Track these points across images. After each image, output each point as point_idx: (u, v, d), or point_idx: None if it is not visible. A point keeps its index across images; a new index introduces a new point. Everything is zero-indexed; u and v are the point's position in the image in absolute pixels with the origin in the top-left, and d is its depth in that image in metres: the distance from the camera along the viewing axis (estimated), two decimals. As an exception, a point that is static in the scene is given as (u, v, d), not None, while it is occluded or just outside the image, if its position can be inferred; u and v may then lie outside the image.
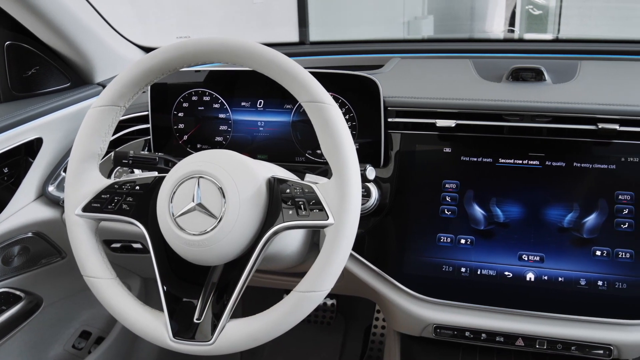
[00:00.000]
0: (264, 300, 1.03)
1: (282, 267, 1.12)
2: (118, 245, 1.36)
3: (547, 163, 1.07)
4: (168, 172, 0.86)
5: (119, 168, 1.28)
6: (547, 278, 1.03)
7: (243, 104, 1.24)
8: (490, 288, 1.05)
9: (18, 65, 1.36)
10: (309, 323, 1.98)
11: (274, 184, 0.86)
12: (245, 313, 0.84)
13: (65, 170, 0.93)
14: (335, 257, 0.80)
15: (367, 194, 1.11)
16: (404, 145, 1.15)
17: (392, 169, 1.15)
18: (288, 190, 0.85)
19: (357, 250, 1.12)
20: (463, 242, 1.08)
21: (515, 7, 4.25)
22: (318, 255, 0.81)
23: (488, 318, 1.06)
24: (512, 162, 1.09)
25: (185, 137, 1.28)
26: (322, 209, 0.81)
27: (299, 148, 1.21)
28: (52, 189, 1.30)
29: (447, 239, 1.09)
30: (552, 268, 1.03)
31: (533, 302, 1.03)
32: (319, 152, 1.18)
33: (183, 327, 0.84)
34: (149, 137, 1.31)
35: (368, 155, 1.16)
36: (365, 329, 1.94)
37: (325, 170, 1.13)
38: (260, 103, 1.23)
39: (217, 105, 1.25)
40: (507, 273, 1.05)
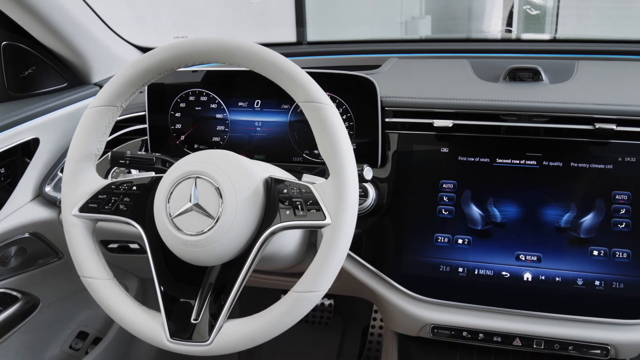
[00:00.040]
0: (262, 301, 1.03)
1: (279, 267, 1.12)
2: (115, 246, 1.36)
3: (544, 163, 1.07)
4: (165, 172, 0.86)
5: (116, 168, 1.27)
6: (544, 278, 1.03)
7: (240, 104, 1.24)
8: (488, 288, 1.05)
9: (15, 66, 1.36)
10: (307, 323, 1.98)
11: (271, 184, 0.86)
12: (243, 313, 0.84)
13: (62, 171, 0.93)
14: (333, 257, 0.80)
15: (364, 194, 1.11)
16: (402, 145, 1.15)
17: (389, 169, 1.15)
18: (285, 191, 0.84)
19: (354, 251, 1.12)
20: (460, 242, 1.08)
21: (513, 7, 4.25)
22: (315, 256, 0.81)
23: (485, 318, 1.06)
24: (509, 162, 1.09)
25: (183, 137, 1.27)
26: (319, 209, 0.81)
27: (297, 148, 1.21)
28: (49, 190, 1.30)
29: (444, 239, 1.09)
30: (549, 268, 1.03)
31: (530, 302, 1.03)
32: (317, 152, 1.18)
33: (180, 327, 0.84)
34: (146, 137, 1.30)
35: (365, 155, 1.16)
36: (363, 329, 1.94)
37: (323, 171, 1.13)
38: (258, 103, 1.22)
39: (214, 106, 1.25)
40: (504, 273, 1.05)
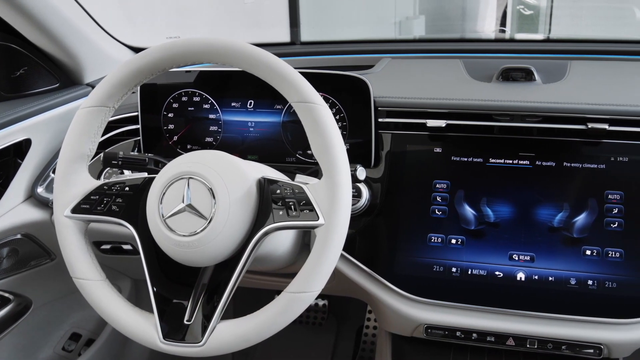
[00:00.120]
0: (256, 302, 1.03)
1: (273, 268, 1.12)
2: (108, 247, 1.36)
3: (537, 163, 1.08)
4: (158, 173, 0.86)
5: (109, 169, 1.27)
6: (537, 278, 1.03)
7: (233, 105, 1.23)
8: (481, 288, 1.06)
9: (6, 66, 1.35)
10: (301, 324, 1.98)
11: (264, 185, 0.85)
12: (237, 314, 0.84)
13: (55, 172, 0.92)
14: (326, 257, 0.80)
15: (357, 195, 1.11)
16: (395, 146, 1.15)
17: (382, 169, 1.15)
18: (278, 191, 0.84)
19: (347, 251, 1.12)
20: (454, 242, 1.08)
21: (507, 7, 4.27)
22: (309, 256, 0.81)
23: (479, 318, 1.06)
24: (502, 162, 1.09)
25: (176, 137, 1.27)
26: (312, 210, 0.81)
27: (290, 148, 1.21)
28: (41, 190, 1.29)
29: (437, 239, 1.09)
30: (542, 268, 1.04)
31: (523, 301, 1.03)
32: (310, 152, 1.18)
33: (173, 328, 0.84)
34: (139, 138, 1.30)
35: (359, 156, 1.16)
36: (357, 330, 1.94)
37: (316, 171, 1.13)
38: (251, 103, 1.22)
39: (207, 106, 1.24)
40: (497, 273, 1.05)
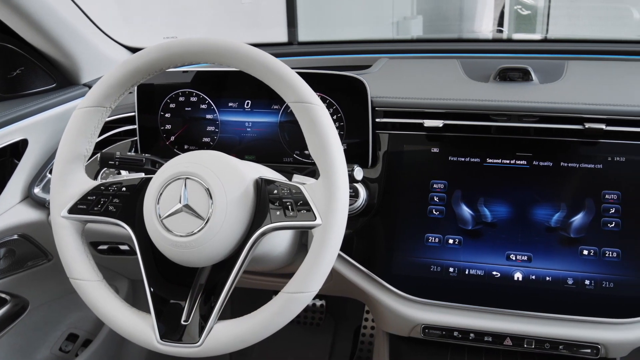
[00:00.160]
0: (253, 302, 1.03)
1: (270, 268, 1.12)
2: (105, 247, 1.35)
3: (534, 163, 1.08)
4: (155, 173, 0.86)
5: (106, 169, 1.27)
6: (534, 277, 1.03)
7: (230, 105, 1.23)
8: (479, 288, 1.06)
9: (3, 66, 1.35)
10: (298, 324, 1.98)
11: (262, 185, 0.85)
12: (234, 315, 0.84)
13: (51, 172, 0.92)
14: (323, 257, 0.80)
15: (355, 195, 1.11)
16: (392, 146, 1.15)
17: (380, 169, 1.15)
18: (275, 191, 0.84)
19: (345, 251, 1.12)
20: (451, 242, 1.08)
21: (504, 7, 4.27)
22: (306, 256, 0.81)
23: (476, 318, 1.06)
24: (499, 162, 1.09)
25: (173, 138, 1.27)
26: (309, 210, 0.81)
27: (287, 149, 1.21)
28: (37, 191, 1.29)
29: (435, 239, 1.09)
30: (539, 267, 1.04)
31: (521, 301, 1.04)
32: (307, 152, 1.18)
33: (170, 329, 0.83)
34: (136, 138, 1.30)
35: (356, 156, 1.16)
36: (355, 330, 1.94)
37: (313, 171, 1.13)
38: (248, 104, 1.22)
39: (204, 106, 1.24)
40: (495, 273, 1.05)
